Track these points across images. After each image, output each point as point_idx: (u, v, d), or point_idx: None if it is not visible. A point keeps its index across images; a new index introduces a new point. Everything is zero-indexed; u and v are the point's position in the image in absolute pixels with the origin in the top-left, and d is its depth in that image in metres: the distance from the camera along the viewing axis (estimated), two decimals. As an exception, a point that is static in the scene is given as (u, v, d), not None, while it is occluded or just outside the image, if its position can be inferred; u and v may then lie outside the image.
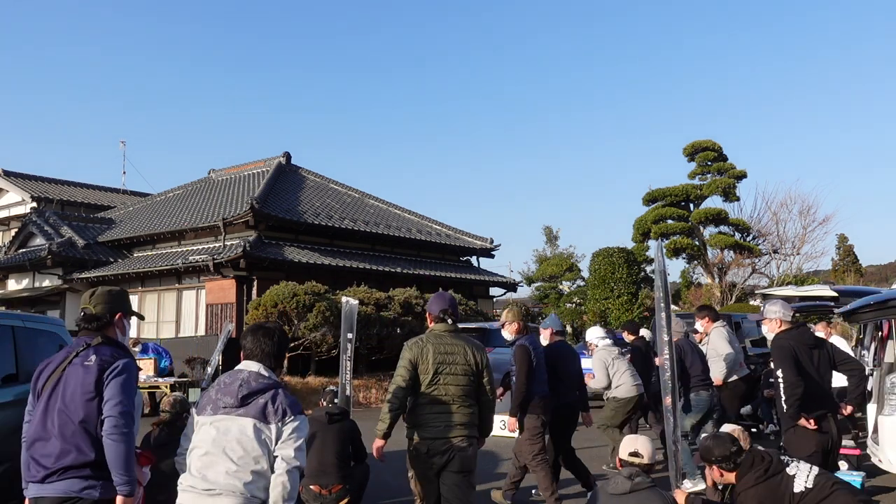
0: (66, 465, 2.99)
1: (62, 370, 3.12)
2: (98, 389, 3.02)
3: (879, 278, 44.65)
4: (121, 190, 32.67)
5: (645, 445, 3.75)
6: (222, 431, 2.91)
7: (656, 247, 5.42)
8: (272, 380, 3.05)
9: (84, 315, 3.24)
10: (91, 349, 3.12)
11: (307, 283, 16.32)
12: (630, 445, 3.81)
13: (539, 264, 36.62)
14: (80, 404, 3.02)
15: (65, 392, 3.06)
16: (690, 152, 27.73)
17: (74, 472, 2.99)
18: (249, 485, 2.84)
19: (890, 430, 6.69)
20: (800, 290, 11.25)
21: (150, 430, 5.52)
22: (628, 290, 23.16)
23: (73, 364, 3.09)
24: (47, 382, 3.15)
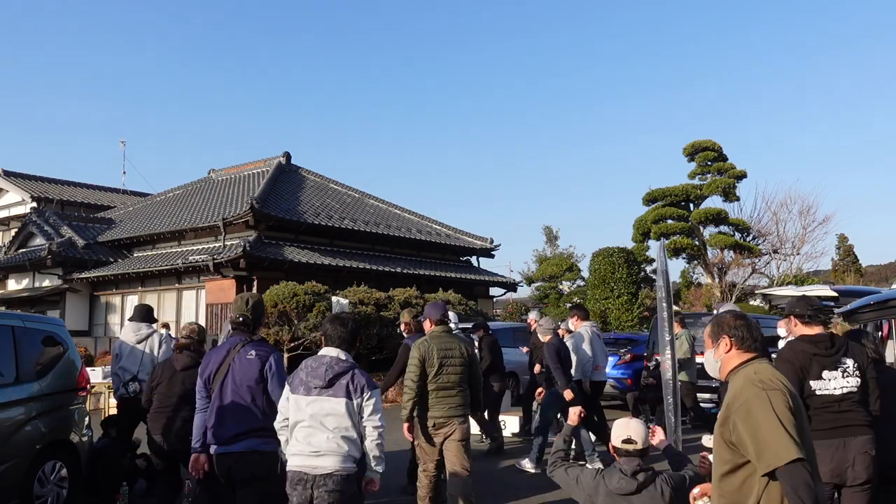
0: (244, 430, 4.01)
1: (228, 362, 4.13)
2: (261, 377, 4.07)
3: (879, 278, 44.64)
4: (121, 190, 32.68)
5: (637, 429, 3.59)
6: (318, 409, 3.64)
7: (658, 247, 5.44)
8: (349, 362, 3.76)
9: (242, 318, 4.23)
10: (249, 345, 4.15)
11: (307, 283, 16.32)
12: (622, 431, 3.54)
13: (539, 264, 36.60)
14: (248, 388, 4.06)
15: (234, 378, 4.08)
16: (690, 152, 27.73)
17: (253, 434, 4.01)
18: (345, 446, 3.62)
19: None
20: (800, 290, 11.24)
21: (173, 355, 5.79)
22: (628, 290, 23.15)
23: (238, 357, 4.10)
24: (218, 371, 4.15)
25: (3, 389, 5.46)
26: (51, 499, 5.77)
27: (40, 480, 5.68)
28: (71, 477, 6.07)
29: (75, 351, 6.62)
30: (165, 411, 5.38)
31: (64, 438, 6.03)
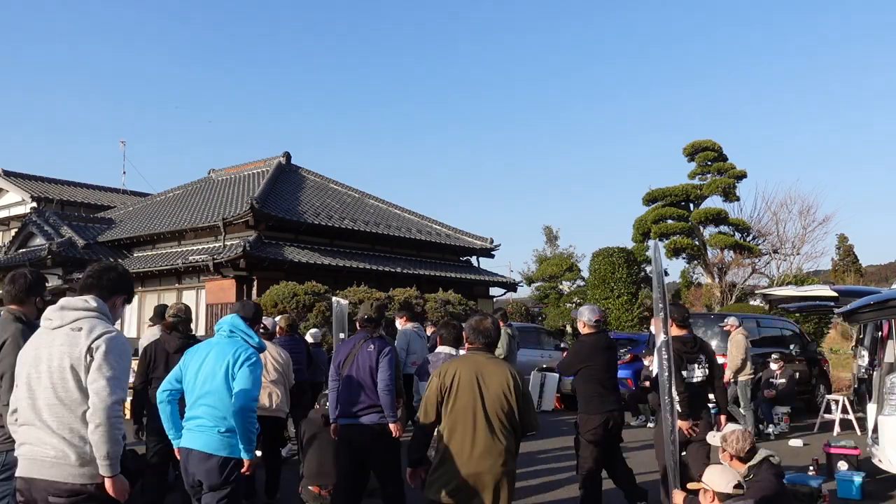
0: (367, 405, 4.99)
1: (355, 353, 5.13)
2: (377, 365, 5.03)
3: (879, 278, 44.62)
4: (121, 190, 32.66)
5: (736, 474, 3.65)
6: None
7: (653, 248, 5.44)
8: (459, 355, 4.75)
9: (367, 317, 5.28)
10: (371, 340, 5.17)
11: (307, 283, 16.31)
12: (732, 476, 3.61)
13: (539, 264, 36.58)
14: (369, 374, 5.02)
15: (359, 366, 5.07)
16: (690, 152, 27.70)
17: (373, 409, 4.99)
18: None
19: (890, 430, 6.69)
20: (800, 290, 11.24)
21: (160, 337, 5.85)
22: (628, 290, 23.14)
23: (362, 349, 5.13)
24: (346, 360, 5.15)
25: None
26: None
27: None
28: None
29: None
30: None
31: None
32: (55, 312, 3.00)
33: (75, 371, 2.83)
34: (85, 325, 2.91)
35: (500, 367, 3.81)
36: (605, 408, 5.67)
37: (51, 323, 2.99)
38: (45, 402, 2.84)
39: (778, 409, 11.27)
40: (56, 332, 2.95)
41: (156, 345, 5.77)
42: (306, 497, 5.52)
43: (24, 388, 2.92)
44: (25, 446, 2.88)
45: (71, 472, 2.77)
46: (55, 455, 2.79)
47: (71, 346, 2.87)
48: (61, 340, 2.90)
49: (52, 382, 2.84)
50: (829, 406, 11.50)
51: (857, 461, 7.66)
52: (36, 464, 2.82)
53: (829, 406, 11.50)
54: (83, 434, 2.79)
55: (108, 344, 2.86)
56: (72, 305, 2.99)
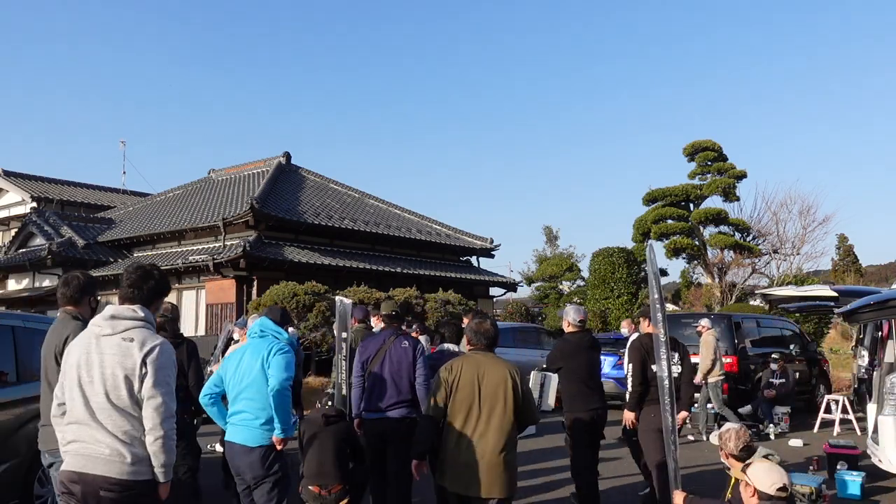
0: (398, 400, 5.16)
1: (385, 350, 5.28)
2: (414, 361, 5.23)
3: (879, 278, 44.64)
4: (121, 190, 32.66)
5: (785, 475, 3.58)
6: None
7: (648, 250, 5.46)
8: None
9: (394, 314, 5.50)
10: (403, 337, 5.39)
11: (307, 283, 16.31)
12: (778, 478, 3.50)
13: (539, 264, 36.61)
14: (405, 369, 5.21)
15: (392, 361, 5.23)
16: (690, 152, 27.70)
17: (403, 404, 5.18)
18: None
19: (890, 430, 6.69)
20: (800, 290, 11.24)
21: None
22: (628, 290, 23.14)
23: (395, 345, 5.28)
24: (376, 355, 5.30)
25: (4, 389, 5.46)
26: (51, 499, 5.76)
27: (40, 480, 5.68)
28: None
29: (75, 351, 6.62)
30: None
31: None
32: (105, 321, 3.17)
33: (129, 381, 3.05)
34: (136, 337, 3.11)
35: (500, 364, 4.07)
36: (589, 406, 5.83)
37: (100, 330, 3.16)
38: (98, 405, 3.04)
39: (778, 409, 11.27)
40: (106, 339, 3.12)
41: None
42: (306, 497, 5.51)
43: (76, 388, 3.09)
44: (77, 443, 3.07)
45: (124, 469, 3.00)
46: (110, 453, 3.00)
47: (123, 356, 3.07)
48: (113, 350, 3.09)
49: (106, 389, 3.04)
50: (829, 406, 11.50)
51: (857, 461, 7.66)
52: (90, 460, 3.02)
53: (829, 406, 11.50)
54: (135, 436, 3.04)
55: (160, 358, 3.10)
56: (122, 315, 3.17)
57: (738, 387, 11.93)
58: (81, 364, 3.10)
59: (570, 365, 5.84)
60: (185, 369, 5.60)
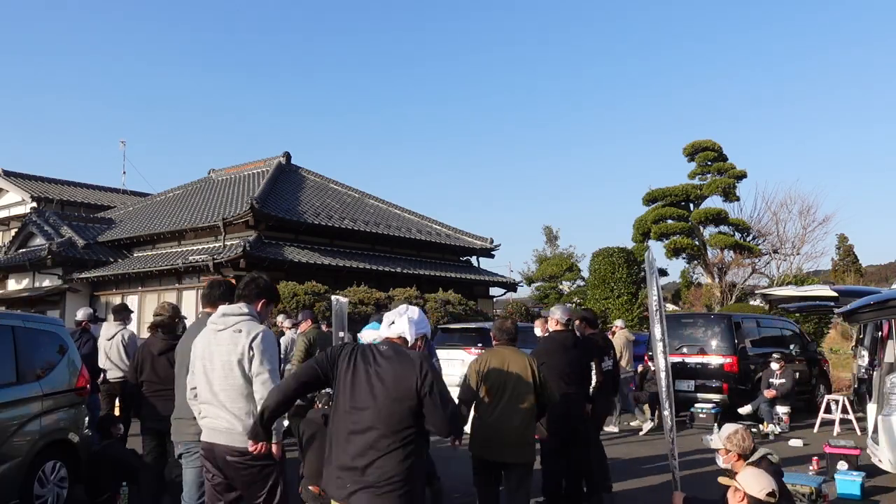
0: None
1: None
2: None
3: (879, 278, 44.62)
4: (121, 190, 32.63)
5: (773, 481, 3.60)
6: None
7: (647, 254, 5.52)
8: None
9: None
10: None
11: (307, 283, 16.31)
12: (767, 483, 3.57)
13: (539, 264, 36.62)
14: None
15: None
16: (690, 152, 27.70)
17: None
18: None
19: (890, 430, 6.69)
20: (800, 290, 11.24)
21: (149, 338, 5.80)
22: (628, 290, 23.14)
23: None
24: None
25: (4, 389, 5.45)
26: (51, 499, 5.77)
27: (40, 480, 5.68)
28: (71, 477, 6.06)
29: (75, 351, 6.62)
30: (158, 396, 5.42)
31: (64, 438, 6.02)
32: (219, 318, 3.83)
33: (241, 365, 3.69)
34: (244, 328, 3.74)
35: (521, 356, 5.02)
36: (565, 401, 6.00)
37: (216, 326, 3.82)
38: (219, 387, 3.72)
39: (778, 409, 11.27)
40: (221, 333, 3.78)
41: (142, 347, 5.78)
42: (306, 497, 5.52)
43: (201, 375, 3.80)
44: (206, 419, 3.78)
45: (239, 438, 3.62)
46: (228, 426, 3.68)
47: (234, 345, 3.71)
48: (227, 340, 3.74)
49: (224, 373, 3.71)
50: (829, 406, 11.49)
51: (857, 461, 7.65)
52: (215, 432, 3.72)
53: (829, 406, 11.49)
54: (248, 410, 3.66)
55: (262, 342, 3.72)
56: (231, 312, 3.83)
57: (738, 387, 11.94)
58: (205, 356, 3.78)
59: (551, 361, 5.97)
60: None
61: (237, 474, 3.68)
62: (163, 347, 5.53)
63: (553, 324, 6.32)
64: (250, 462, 3.61)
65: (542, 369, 5.97)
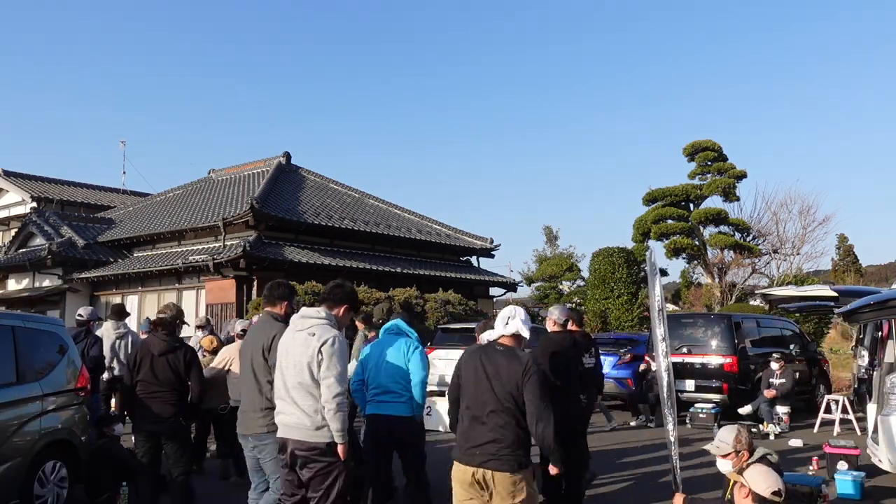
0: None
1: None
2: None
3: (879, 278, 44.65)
4: (121, 190, 32.63)
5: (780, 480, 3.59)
6: None
7: (648, 255, 5.52)
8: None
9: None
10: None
11: (307, 283, 16.30)
12: (773, 482, 3.56)
13: (539, 264, 36.63)
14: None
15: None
16: (690, 152, 27.70)
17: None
18: None
19: (890, 430, 6.69)
20: (800, 290, 11.23)
21: (149, 337, 5.73)
22: (628, 290, 23.14)
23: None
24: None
25: (4, 389, 5.45)
26: (51, 499, 5.77)
27: (40, 480, 5.68)
28: (71, 477, 6.06)
29: (75, 351, 6.62)
30: (154, 397, 5.40)
31: (64, 438, 6.02)
32: (298, 320, 4.11)
33: (310, 366, 3.95)
34: (317, 331, 4.00)
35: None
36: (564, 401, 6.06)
37: (294, 327, 4.10)
38: (292, 385, 4.00)
39: (778, 409, 11.27)
40: (298, 334, 4.06)
41: (141, 346, 5.72)
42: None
43: (279, 373, 4.10)
44: (281, 415, 4.07)
45: (308, 434, 3.95)
46: (297, 422, 3.97)
47: (306, 347, 3.98)
48: (301, 342, 4.02)
49: (296, 372, 3.98)
50: (829, 406, 11.49)
51: (857, 461, 7.65)
52: (288, 428, 4.02)
53: (829, 406, 11.49)
54: (316, 409, 3.93)
55: (331, 347, 3.94)
56: (309, 315, 4.09)
57: (738, 387, 11.93)
58: (284, 353, 4.08)
59: (550, 363, 5.95)
60: (182, 375, 5.51)
61: (303, 467, 3.99)
62: (163, 349, 5.48)
63: (551, 324, 6.31)
64: (316, 457, 3.94)
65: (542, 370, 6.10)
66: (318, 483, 3.97)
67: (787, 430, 11.06)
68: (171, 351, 5.48)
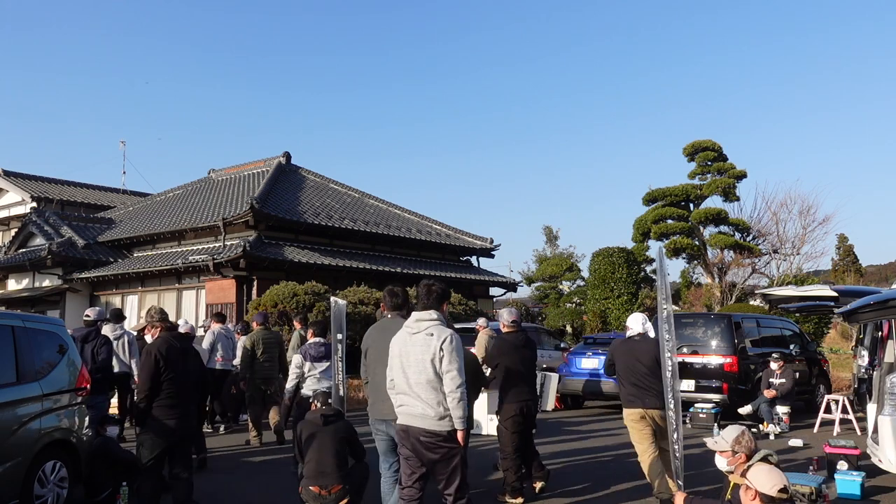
0: None
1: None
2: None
3: (879, 278, 44.64)
4: (121, 190, 32.65)
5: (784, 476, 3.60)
6: None
7: (658, 252, 5.54)
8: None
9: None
10: None
11: (307, 283, 16.31)
12: (779, 480, 3.55)
13: (539, 264, 36.59)
14: None
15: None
16: (690, 152, 27.68)
17: None
18: None
19: (890, 430, 6.69)
20: (800, 290, 11.24)
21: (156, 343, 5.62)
22: (628, 290, 23.13)
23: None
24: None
25: (3, 389, 5.44)
26: (51, 499, 5.76)
27: (40, 480, 5.67)
28: (71, 477, 6.05)
29: (75, 351, 6.62)
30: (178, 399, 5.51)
31: (64, 438, 6.02)
32: (414, 323, 4.56)
33: (433, 363, 4.39)
34: (435, 332, 4.46)
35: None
36: (519, 398, 6.60)
37: (411, 330, 4.55)
38: (414, 380, 4.44)
39: (778, 409, 11.27)
40: (416, 336, 4.51)
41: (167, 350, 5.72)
42: (306, 497, 5.51)
43: (399, 370, 4.54)
44: (403, 407, 4.52)
45: (432, 423, 4.40)
46: (421, 412, 4.41)
47: (427, 346, 4.43)
48: (421, 342, 4.47)
49: (419, 369, 4.42)
50: (829, 406, 11.49)
51: (857, 461, 7.65)
52: (411, 417, 4.46)
53: (829, 406, 11.49)
54: (439, 401, 4.39)
55: (451, 344, 4.41)
56: (424, 318, 4.55)
57: (738, 387, 11.93)
58: (402, 354, 4.52)
59: (505, 361, 6.61)
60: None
61: (427, 452, 4.42)
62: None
63: (502, 326, 6.86)
64: (439, 443, 4.39)
65: (497, 372, 6.75)
66: (443, 467, 4.45)
67: (787, 430, 11.06)
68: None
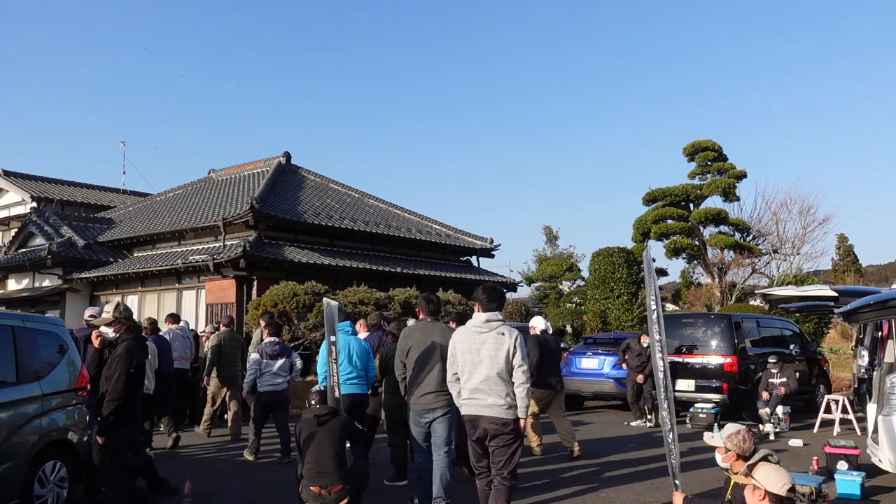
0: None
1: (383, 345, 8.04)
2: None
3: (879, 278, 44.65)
4: (121, 190, 32.62)
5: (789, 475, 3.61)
6: None
7: (645, 254, 5.59)
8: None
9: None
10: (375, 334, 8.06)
11: (307, 283, 16.30)
12: (787, 479, 3.58)
13: (539, 264, 36.59)
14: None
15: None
16: (690, 152, 27.68)
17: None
18: None
19: (890, 430, 6.69)
20: (800, 290, 11.23)
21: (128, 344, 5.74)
22: (628, 290, 23.14)
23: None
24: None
25: (3, 389, 5.45)
26: (51, 499, 5.77)
27: (40, 480, 5.68)
28: (71, 477, 6.06)
29: (75, 351, 6.62)
30: None
31: (64, 438, 6.02)
32: (482, 324, 5.09)
33: (507, 359, 4.96)
34: (505, 332, 5.03)
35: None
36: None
37: (479, 329, 5.09)
38: (485, 376, 4.99)
39: (778, 409, 11.27)
40: (485, 335, 5.05)
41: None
42: (306, 497, 5.51)
43: (468, 365, 5.07)
44: (472, 399, 5.04)
45: (500, 412, 4.96)
46: (491, 403, 4.97)
47: (500, 343, 4.99)
48: (493, 341, 5.02)
49: (492, 365, 4.97)
50: (829, 406, 11.49)
51: (857, 461, 7.66)
52: (480, 407, 5.01)
53: (829, 406, 11.49)
54: (508, 392, 4.97)
55: (519, 342, 5.01)
56: (492, 319, 5.09)
57: (738, 387, 11.93)
58: (471, 351, 5.05)
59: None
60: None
61: (493, 437, 4.95)
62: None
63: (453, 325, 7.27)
64: (504, 430, 4.94)
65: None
66: (502, 452, 4.96)
67: (787, 430, 11.05)
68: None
